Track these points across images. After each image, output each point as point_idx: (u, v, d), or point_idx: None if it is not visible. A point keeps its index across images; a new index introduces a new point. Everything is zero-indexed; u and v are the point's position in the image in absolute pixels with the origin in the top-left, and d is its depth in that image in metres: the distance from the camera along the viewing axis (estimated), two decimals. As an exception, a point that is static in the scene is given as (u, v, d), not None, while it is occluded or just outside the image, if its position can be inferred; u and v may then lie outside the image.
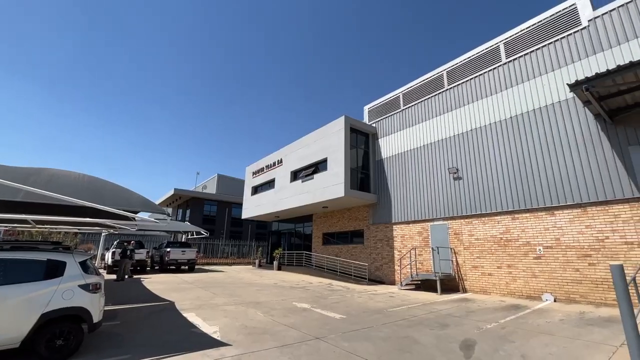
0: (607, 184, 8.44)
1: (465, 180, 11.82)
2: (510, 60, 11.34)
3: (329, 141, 15.91)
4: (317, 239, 19.31)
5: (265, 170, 21.64)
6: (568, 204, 9.06)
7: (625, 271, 5.57)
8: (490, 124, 11.50)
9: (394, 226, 14.33)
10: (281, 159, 19.86)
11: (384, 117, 16.18)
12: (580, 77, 8.75)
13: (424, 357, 4.73)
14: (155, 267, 19.94)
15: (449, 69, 13.46)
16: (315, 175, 16.38)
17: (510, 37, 11.52)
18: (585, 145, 9.01)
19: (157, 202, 41.25)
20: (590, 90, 7.12)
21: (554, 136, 9.72)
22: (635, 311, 4.63)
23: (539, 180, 9.80)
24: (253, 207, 22.43)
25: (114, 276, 14.34)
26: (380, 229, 15.02)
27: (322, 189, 15.59)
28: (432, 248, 12.21)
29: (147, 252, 15.94)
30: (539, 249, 9.43)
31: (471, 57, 12.67)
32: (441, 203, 12.50)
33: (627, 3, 8.89)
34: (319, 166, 16.59)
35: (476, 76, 12.33)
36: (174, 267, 18.58)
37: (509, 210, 10.35)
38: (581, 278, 8.52)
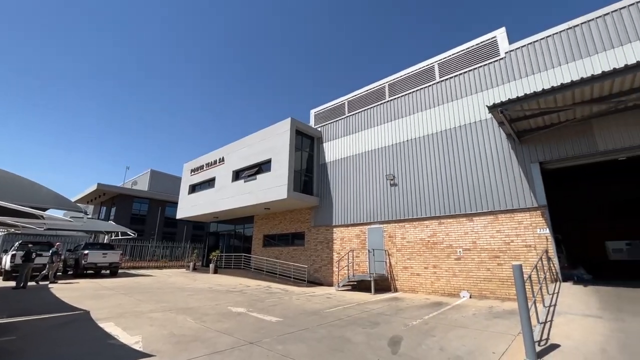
0: (513, 195, 9.79)
1: (401, 186, 12.67)
2: (443, 80, 12.52)
3: (274, 142, 15.75)
4: (258, 240, 18.92)
5: (205, 168, 20.55)
6: (484, 211, 10.28)
7: (524, 270, 6.51)
8: (424, 136, 12.53)
9: (335, 229, 14.72)
10: (223, 158, 19.06)
11: (330, 122, 16.58)
12: (497, 100, 10.04)
13: (355, 355, 4.92)
14: (69, 272, 17.52)
15: (390, 82, 14.35)
16: (259, 176, 16.06)
17: (443, 59, 12.73)
18: (499, 161, 10.34)
19: (75, 199, 36.45)
20: (504, 112, 8.21)
21: (474, 151, 10.96)
22: (530, 304, 5.42)
23: (462, 190, 10.95)
24: (190, 206, 21.11)
25: (13, 283, 12.24)
26: (321, 231, 15.30)
27: (264, 190, 15.34)
28: (369, 250, 12.81)
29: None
30: (459, 251, 10.53)
31: (410, 73, 13.68)
32: (378, 207, 13.20)
33: (534, 42, 10.47)
34: (262, 167, 16.31)
35: (414, 91, 13.35)
36: (92, 272, 16.54)
37: (437, 215, 11.37)
38: (491, 276, 9.72)
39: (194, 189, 21.67)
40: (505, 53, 11.07)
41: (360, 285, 12.40)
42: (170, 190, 38.35)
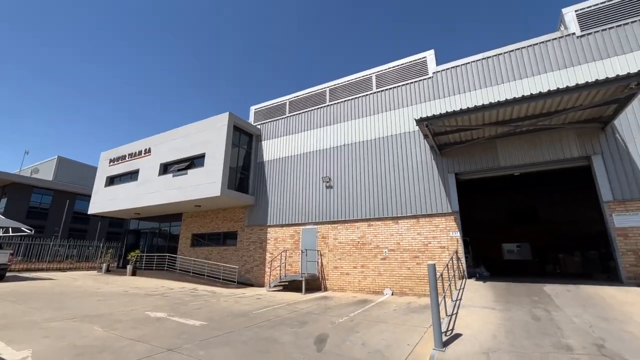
0: (433, 201, 10.88)
1: (336, 189, 13.11)
2: (379, 91, 13.34)
3: (210, 136, 14.95)
4: (186, 239, 17.70)
5: (127, 159, 18.51)
6: (408, 215, 11.22)
7: (437, 268, 7.26)
8: (359, 142, 13.17)
9: (269, 229, 14.55)
10: (149, 149, 17.41)
11: (270, 120, 16.37)
12: (424, 115, 11.05)
13: (282, 355, 4.92)
14: None
15: (331, 87, 14.78)
16: (190, 171, 15.06)
17: (380, 71, 13.57)
18: (422, 170, 11.40)
19: (-53, 185, 29.48)
20: (429, 126, 9.08)
21: (403, 160, 11.90)
22: (440, 299, 6.06)
23: (390, 194, 11.78)
24: (106, 200, 18.77)
25: None
26: (255, 231, 14.98)
27: (196, 186, 14.44)
28: (302, 250, 12.96)
29: None
30: (385, 251, 11.31)
31: (350, 81, 14.28)
32: (313, 209, 13.45)
33: (456, 66, 11.81)
34: (195, 161, 15.34)
35: (353, 98, 13.95)
36: (-33, 276, 13.57)
37: (367, 218, 12.03)
38: (411, 275, 10.65)
39: (112, 181, 19.35)
40: (433, 73, 12.27)
41: (292, 286, 12.46)
42: (83, 181, 33.63)
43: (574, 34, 10.10)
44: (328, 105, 14.61)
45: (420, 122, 8.98)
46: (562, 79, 9.81)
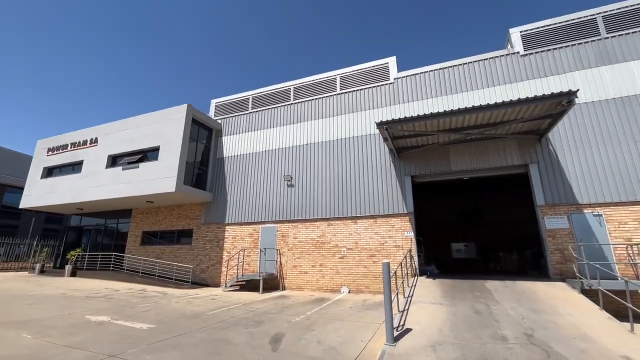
0: (390, 202, 11.31)
1: (297, 188, 13.09)
2: (343, 93, 13.56)
3: (166, 128, 14.14)
4: (135, 238, 16.56)
5: (69, 149, 16.87)
6: (366, 215, 11.55)
7: (392, 267, 7.57)
8: (323, 142, 13.28)
9: (227, 227, 14.13)
10: (96, 138, 16.04)
11: (232, 115, 15.89)
12: (385, 119, 11.44)
13: (235, 356, 4.81)
14: None
15: (296, 86, 14.72)
16: (142, 164, 14.12)
17: (344, 73, 13.80)
18: (381, 172, 11.80)
19: None
20: (388, 130, 9.42)
21: (363, 161, 12.22)
22: (393, 295, 6.31)
23: (350, 195, 12.04)
24: (43, 193, 16.93)
25: None
26: (212, 229, 14.46)
27: (149, 181, 13.58)
28: (261, 249, 12.77)
29: None
30: (344, 250, 11.54)
31: (315, 81, 14.33)
32: (274, 207, 13.31)
33: (416, 74, 12.38)
34: (148, 154, 14.42)
35: (317, 98, 14.03)
36: None
37: (327, 217, 12.18)
38: (367, 273, 10.98)
39: (50, 172, 17.52)
40: (394, 79, 12.75)
41: (249, 285, 12.23)
42: (15, 172, 30.04)
43: (518, 52, 11.09)
44: (292, 104, 14.54)
45: (380, 125, 9.28)
46: (507, 93, 10.72)
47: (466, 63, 11.71)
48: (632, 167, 8.91)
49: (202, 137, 15.27)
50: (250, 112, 15.42)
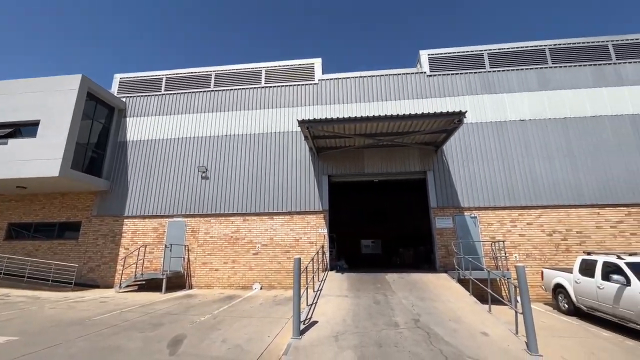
0: (307, 199, 11.60)
1: (212, 180, 12.37)
2: (268, 87, 13.33)
3: (51, 100, 11.74)
4: (-3, 231, 13.35)
5: None
6: (283, 211, 11.61)
7: (304, 262, 7.78)
8: (243, 134, 12.82)
9: (126, 220, 12.49)
10: (-58, 102, 12.36)
11: (140, 95, 14.10)
12: (307, 118, 11.67)
13: (123, 365, 4.29)
14: None
15: (218, 72, 13.88)
16: (13, 141, 11.47)
17: (271, 67, 13.59)
18: (300, 169, 12.01)
19: None
20: (309, 129, 9.64)
21: (283, 158, 12.25)
22: (303, 290, 6.49)
23: (268, 190, 11.92)
24: None
25: None
26: (107, 222, 12.61)
27: (22, 162, 11.09)
28: (166, 245, 11.68)
29: None
30: (258, 247, 11.39)
31: (239, 70, 13.75)
32: (185, 200, 12.32)
33: (339, 78, 12.95)
34: (22, 129, 11.76)
35: (240, 89, 13.47)
36: None
37: (243, 212, 11.83)
38: (280, 269, 11.06)
39: None
40: (319, 80, 13.11)
41: (151, 285, 11.07)
42: None
43: (425, 72, 12.59)
44: (213, 91, 13.66)
45: (302, 123, 9.43)
46: (414, 107, 12.06)
47: (383, 75, 12.76)
48: (499, 180, 10.99)
49: (100, 116, 13.17)
50: (164, 94, 13.94)
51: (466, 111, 9.06)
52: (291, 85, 13.20)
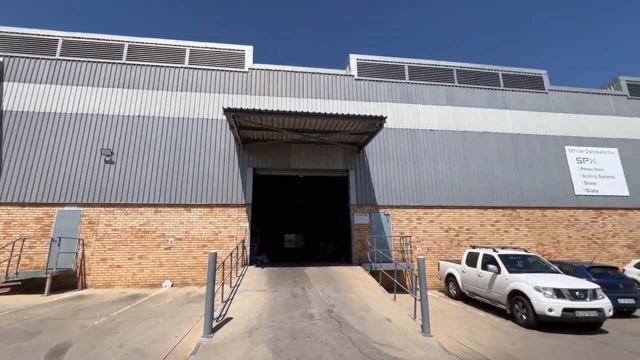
0: (229, 192, 11.12)
1: (119, 166, 10.90)
2: (193, 68, 12.29)
3: None
4: None
5: None
6: (202, 203, 10.90)
7: (222, 257, 7.42)
8: (160, 117, 11.58)
9: (-3, 207, 10.17)
10: None
11: (27, 56, 11.54)
12: (234, 106, 11.15)
13: (-22, 385, 3.49)
14: None
15: (133, 43, 12.24)
16: None
17: (197, 47, 12.55)
18: (223, 160, 11.42)
19: None
20: (235, 118, 9.22)
21: (204, 146, 11.47)
22: (217, 287, 6.21)
23: (186, 180, 11.03)
24: None
25: None
26: (-32, 209, 10.07)
27: None
28: (53, 239, 9.87)
29: None
30: (171, 241, 10.48)
31: (159, 45, 12.35)
32: (81, 186, 10.58)
33: (271, 70, 12.67)
34: None
35: (159, 66, 12.12)
36: None
37: (155, 203, 10.72)
38: (196, 264, 10.39)
39: None
40: (249, 69, 12.62)
41: (29, 286, 9.24)
42: None
43: (353, 76, 13.20)
44: (125, 64, 11.99)
45: (228, 112, 8.97)
46: (342, 107, 12.53)
47: (314, 73, 12.95)
48: (410, 182, 12.21)
49: (-38, 75, 10.38)
50: (60, 59, 11.69)
51: (387, 116, 9.79)
52: (219, 70, 12.42)
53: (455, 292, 9.51)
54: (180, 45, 12.50)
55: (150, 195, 10.75)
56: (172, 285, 10.06)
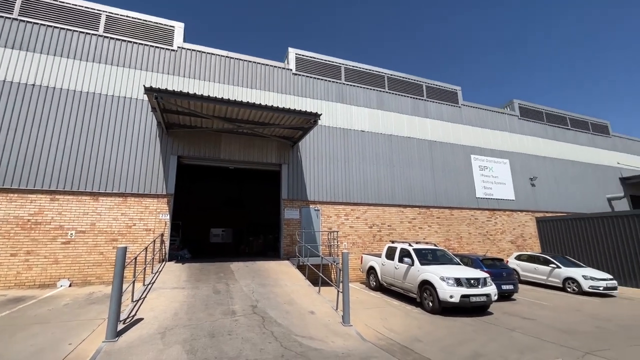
0: (147, 180, 10.05)
1: (7, 141, 8.96)
2: (109, 38, 10.72)
3: None
4: None
5: None
6: (114, 192, 9.65)
7: (136, 252, 6.68)
8: (65, 89, 9.86)
9: None
10: None
11: None
12: (158, 86, 10.09)
13: None
14: None
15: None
16: None
17: (116, 14, 10.99)
18: (142, 145, 10.27)
19: None
20: (158, 100, 8.35)
21: (119, 127, 10.13)
22: (126, 285, 5.58)
23: (94, 164, 9.61)
24: None
25: None
26: None
27: None
28: None
29: None
30: (71, 234, 9.04)
31: (67, 4, 10.45)
32: (-55, 164, 8.43)
33: (201, 52, 11.78)
34: None
35: (67, 29, 10.26)
36: None
37: (51, 189, 9.11)
38: (103, 260, 9.17)
39: None
40: (178, 47, 11.55)
41: None
42: None
43: (291, 70, 13.10)
44: (17, 20, 9.87)
45: (149, 91, 8.07)
46: (278, 100, 12.34)
47: (250, 62, 12.48)
48: (340, 179, 12.67)
49: None
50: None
51: (321, 114, 9.95)
52: (143, 44, 11.09)
53: (375, 283, 10.21)
54: (94, 9, 10.79)
55: (46, 180, 9.09)
56: (70, 285, 8.70)
